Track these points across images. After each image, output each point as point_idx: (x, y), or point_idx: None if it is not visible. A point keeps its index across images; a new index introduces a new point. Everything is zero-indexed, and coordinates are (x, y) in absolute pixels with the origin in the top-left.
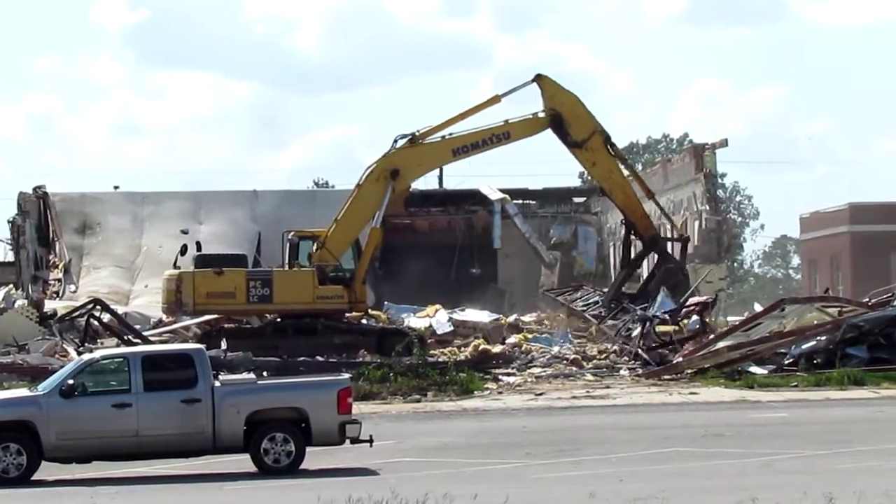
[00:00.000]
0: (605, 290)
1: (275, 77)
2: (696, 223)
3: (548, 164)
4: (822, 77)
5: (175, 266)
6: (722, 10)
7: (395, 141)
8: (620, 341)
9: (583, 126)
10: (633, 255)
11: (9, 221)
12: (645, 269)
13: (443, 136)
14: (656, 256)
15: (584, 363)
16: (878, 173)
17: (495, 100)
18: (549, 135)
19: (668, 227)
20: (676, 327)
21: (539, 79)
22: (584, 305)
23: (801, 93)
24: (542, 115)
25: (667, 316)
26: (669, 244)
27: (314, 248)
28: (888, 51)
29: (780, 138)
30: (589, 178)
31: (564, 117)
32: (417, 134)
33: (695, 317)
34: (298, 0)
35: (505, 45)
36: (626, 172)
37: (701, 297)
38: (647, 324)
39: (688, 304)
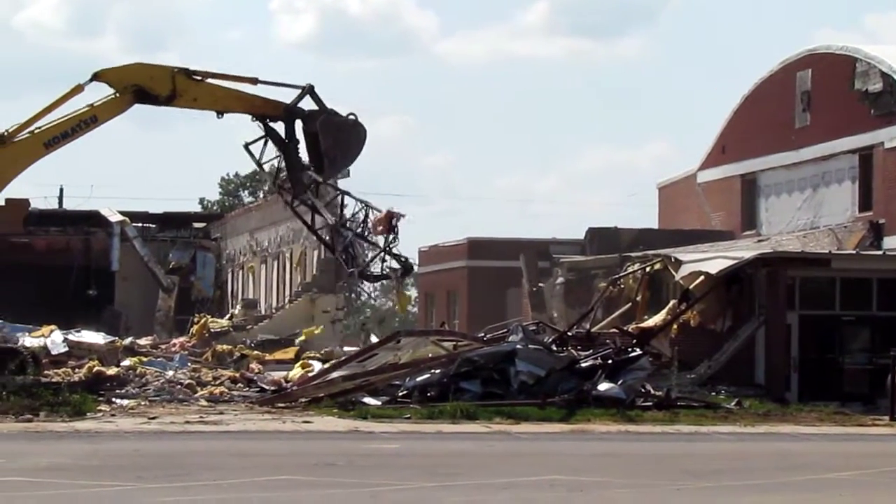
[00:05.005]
0: None
1: None
2: (315, 252)
3: (169, 189)
4: (445, 111)
5: None
6: (350, 40)
7: None
8: None
9: (161, 80)
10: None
11: None
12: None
13: (31, 132)
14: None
15: (199, 388)
16: (496, 210)
17: (79, 89)
18: (170, 154)
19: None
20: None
21: (98, 76)
22: None
23: (424, 126)
24: (121, 94)
25: None
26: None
27: None
28: (507, 90)
29: (401, 170)
30: (209, 204)
31: (143, 86)
32: (6, 134)
33: None
34: None
35: None
36: (221, 83)
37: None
38: None
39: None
